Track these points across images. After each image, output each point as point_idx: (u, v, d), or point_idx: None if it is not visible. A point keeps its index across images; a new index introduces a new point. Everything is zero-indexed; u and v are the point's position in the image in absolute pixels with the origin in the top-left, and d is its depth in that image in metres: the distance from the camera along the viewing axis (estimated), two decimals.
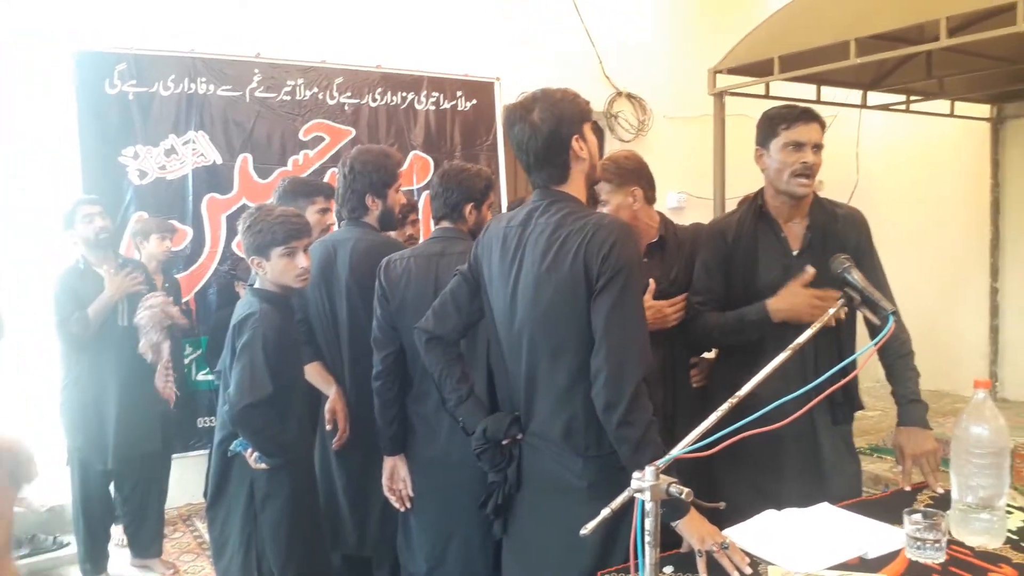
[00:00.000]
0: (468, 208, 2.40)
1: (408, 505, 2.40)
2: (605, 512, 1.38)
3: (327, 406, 2.64)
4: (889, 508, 1.89)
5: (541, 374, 1.81)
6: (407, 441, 2.39)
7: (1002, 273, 6.60)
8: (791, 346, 1.65)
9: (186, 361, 4.23)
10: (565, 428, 1.79)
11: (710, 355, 2.53)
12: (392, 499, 2.42)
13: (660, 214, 2.53)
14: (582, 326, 1.74)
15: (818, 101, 5.20)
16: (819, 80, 5.05)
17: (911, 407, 2.14)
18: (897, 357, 2.19)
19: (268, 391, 2.24)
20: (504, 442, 1.89)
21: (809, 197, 2.25)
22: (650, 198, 2.47)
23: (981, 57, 5.01)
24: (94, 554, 3.62)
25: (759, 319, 2.14)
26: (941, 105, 6.01)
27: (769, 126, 2.23)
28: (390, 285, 2.34)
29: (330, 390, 2.65)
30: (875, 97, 5.68)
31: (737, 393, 1.54)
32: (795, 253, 2.24)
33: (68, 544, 3.87)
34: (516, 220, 1.88)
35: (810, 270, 2.09)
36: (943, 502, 1.94)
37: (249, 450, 2.34)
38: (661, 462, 1.39)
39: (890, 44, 4.21)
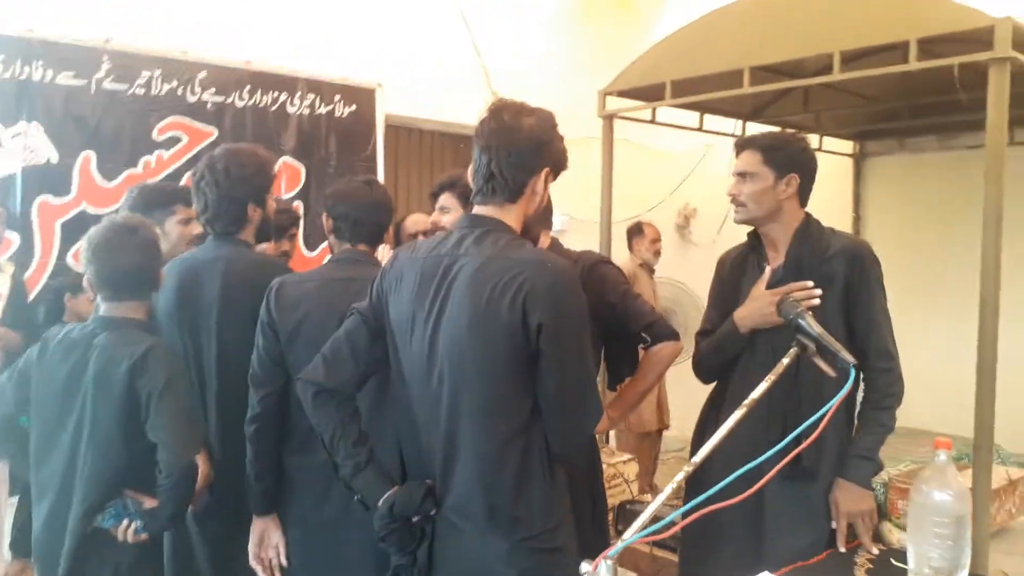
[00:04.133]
0: (388, 232, 2.19)
1: None
2: None
3: None
4: (828, 572, 1.75)
5: (464, 436, 1.52)
6: (286, 499, 2.03)
7: None
8: (744, 403, 1.47)
9: None
10: (489, 503, 1.52)
11: None
12: (259, 569, 2.04)
13: (553, 238, 2.27)
14: (518, 383, 1.48)
15: (700, 129, 5.22)
16: (703, 108, 5.06)
17: (858, 462, 2.00)
18: (872, 406, 2.05)
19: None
20: (415, 519, 1.58)
21: (788, 225, 2.17)
22: None
23: (854, 95, 5.18)
24: None
25: (728, 331, 2.14)
26: (810, 140, 6.20)
27: None
28: (280, 312, 1.97)
29: None
30: (753, 128, 5.77)
31: (693, 461, 1.38)
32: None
33: None
34: (441, 249, 1.60)
35: (768, 270, 2.09)
36: (884, 565, 1.82)
37: (126, 522, 1.91)
38: (613, 552, 1.21)
39: (775, 76, 4.24)
